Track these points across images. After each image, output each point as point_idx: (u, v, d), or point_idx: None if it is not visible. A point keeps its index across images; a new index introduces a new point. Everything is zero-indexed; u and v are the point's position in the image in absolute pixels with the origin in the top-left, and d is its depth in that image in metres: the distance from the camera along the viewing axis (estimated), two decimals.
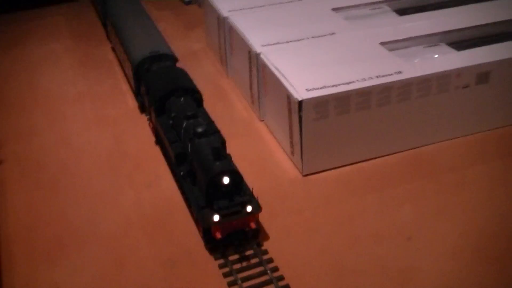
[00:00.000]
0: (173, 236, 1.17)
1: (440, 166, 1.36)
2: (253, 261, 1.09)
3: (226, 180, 1.07)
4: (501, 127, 1.46)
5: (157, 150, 1.41)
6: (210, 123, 1.25)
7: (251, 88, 1.53)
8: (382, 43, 1.46)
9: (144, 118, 1.52)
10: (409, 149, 1.40)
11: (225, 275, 1.06)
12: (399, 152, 1.39)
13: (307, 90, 1.26)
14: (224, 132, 1.25)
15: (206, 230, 1.09)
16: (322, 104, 1.25)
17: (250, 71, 1.50)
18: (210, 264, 1.10)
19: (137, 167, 1.37)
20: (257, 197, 1.11)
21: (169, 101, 1.31)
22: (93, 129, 1.52)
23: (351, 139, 1.32)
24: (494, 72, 1.37)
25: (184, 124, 1.21)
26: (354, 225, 1.20)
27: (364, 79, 1.29)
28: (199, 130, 1.15)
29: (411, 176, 1.33)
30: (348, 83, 1.28)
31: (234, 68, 1.66)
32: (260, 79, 1.45)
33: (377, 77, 1.30)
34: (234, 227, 1.09)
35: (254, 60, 1.45)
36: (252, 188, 1.12)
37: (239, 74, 1.61)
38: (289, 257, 1.10)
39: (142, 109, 1.54)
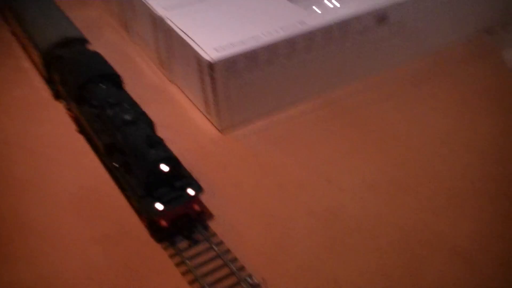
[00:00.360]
0: (105, 213, 1.18)
1: (348, 107, 1.44)
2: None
3: (165, 167, 1.06)
4: (400, 67, 1.56)
5: (80, 137, 1.38)
6: (134, 106, 1.22)
7: (158, 52, 1.52)
8: None
9: (60, 105, 1.48)
10: (319, 96, 1.46)
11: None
12: (310, 100, 1.45)
13: (216, 50, 1.28)
14: (138, 99, 1.25)
15: (150, 220, 1.08)
16: (232, 62, 1.28)
17: (155, 35, 1.49)
18: (142, 235, 1.12)
19: (60, 152, 1.35)
20: (190, 172, 1.12)
21: (88, 89, 1.26)
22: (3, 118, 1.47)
23: (264, 93, 1.37)
24: (391, 14, 1.44)
25: (109, 113, 1.17)
26: (277, 174, 1.26)
27: (269, 33, 1.32)
28: (127, 117, 1.13)
29: (324, 120, 1.40)
30: (254, 38, 1.31)
31: (138, 33, 1.65)
32: (166, 43, 1.45)
33: (281, 29, 1.33)
34: (178, 212, 1.08)
35: (158, 24, 1.45)
36: (191, 172, 1.12)
37: (144, 39, 1.60)
38: (220, 213, 1.15)
39: (57, 96, 1.47)
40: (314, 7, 1.48)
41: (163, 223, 1.06)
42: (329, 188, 1.22)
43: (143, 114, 1.19)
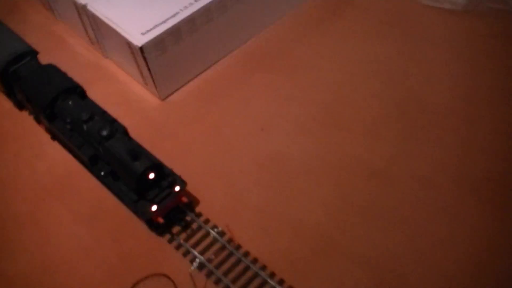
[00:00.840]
0: (84, 196, 1.37)
1: (267, 53, 1.63)
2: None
3: (151, 175, 1.21)
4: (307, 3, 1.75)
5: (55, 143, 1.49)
6: (104, 115, 1.32)
7: (87, 34, 1.65)
8: None
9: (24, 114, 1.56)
10: (239, 49, 1.65)
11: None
12: (231, 54, 1.64)
13: (143, 34, 1.43)
14: (77, 78, 1.38)
15: (148, 220, 1.26)
16: (159, 41, 1.44)
17: (82, 20, 1.61)
18: (122, 211, 1.32)
19: (33, 151, 1.49)
20: (172, 168, 1.27)
21: (57, 107, 1.34)
22: None
23: (192, 58, 1.54)
24: None
25: (85, 128, 1.27)
26: (218, 130, 1.47)
27: (186, 7, 1.47)
28: (104, 133, 1.23)
29: (248, 71, 1.60)
30: (174, 15, 1.46)
31: (63, 14, 1.74)
32: (94, 27, 1.57)
33: (195, 0, 1.49)
34: (170, 207, 1.25)
35: (82, 11, 1.56)
36: (172, 169, 1.27)
37: (71, 20, 1.70)
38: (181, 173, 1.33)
39: (20, 107, 1.54)
40: None
41: (160, 220, 1.24)
42: (263, 136, 1.44)
43: (115, 121, 1.31)
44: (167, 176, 1.24)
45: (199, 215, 1.29)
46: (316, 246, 1.24)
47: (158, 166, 1.22)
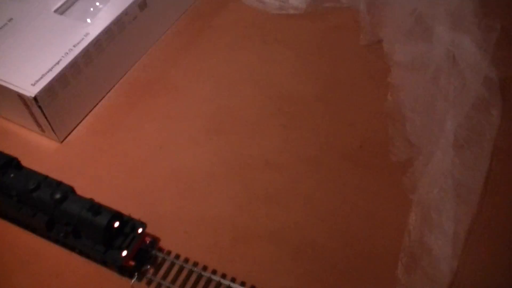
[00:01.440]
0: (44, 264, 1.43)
1: (147, 79, 1.78)
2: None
3: (116, 224, 1.28)
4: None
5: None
6: (48, 180, 1.35)
7: None
8: (55, 11, 1.72)
9: None
10: (124, 78, 1.78)
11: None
12: (119, 84, 1.78)
13: (33, 84, 1.52)
14: None
15: (119, 267, 1.32)
16: (50, 89, 1.54)
17: None
18: (88, 266, 1.41)
19: None
20: (129, 214, 1.35)
21: None
22: None
23: (80, 97, 1.65)
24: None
25: (34, 196, 1.31)
26: (120, 155, 1.60)
27: (67, 53, 1.59)
28: (58, 196, 1.28)
29: (141, 94, 1.74)
30: (58, 62, 1.56)
31: None
32: None
33: (74, 46, 1.60)
34: (137, 249, 1.33)
35: None
36: (129, 214, 1.35)
37: None
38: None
39: None
40: (88, 19, 1.73)
41: (132, 263, 1.31)
42: (166, 153, 1.60)
43: (61, 183, 1.35)
44: (127, 222, 1.32)
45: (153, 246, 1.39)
46: (234, 235, 1.42)
47: (118, 215, 1.29)
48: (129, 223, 1.33)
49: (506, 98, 1.59)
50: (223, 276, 1.34)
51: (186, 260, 1.37)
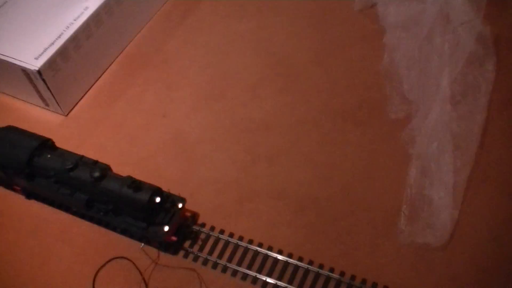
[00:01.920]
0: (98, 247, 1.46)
1: (147, 53, 1.80)
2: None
3: (157, 199, 1.27)
4: None
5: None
6: (84, 159, 1.34)
7: None
8: None
9: None
10: (120, 54, 1.80)
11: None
12: (118, 57, 1.80)
13: (36, 58, 1.54)
14: None
15: (161, 242, 1.32)
16: (52, 62, 1.56)
17: None
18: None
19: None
20: (168, 190, 1.34)
21: (35, 164, 1.34)
22: None
23: (82, 70, 1.67)
24: None
25: (72, 175, 1.30)
26: (124, 125, 1.63)
27: (67, 27, 1.60)
28: (97, 174, 1.28)
29: (134, 70, 1.76)
30: (60, 36, 1.58)
31: None
32: None
33: (74, 19, 1.62)
34: (177, 225, 1.33)
35: None
36: (169, 189, 1.35)
37: None
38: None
39: None
40: None
41: (174, 238, 1.31)
42: (169, 121, 1.62)
43: (97, 162, 1.35)
44: (167, 197, 1.31)
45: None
46: (239, 195, 1.45)
47: (158, 191, 1.29)
48: (169, 199, 1.32)
49: (499, 53, 1.61)
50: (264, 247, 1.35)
51: (231, 235, 1.37)
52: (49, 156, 1.35)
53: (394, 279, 1.29)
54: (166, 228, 1.29)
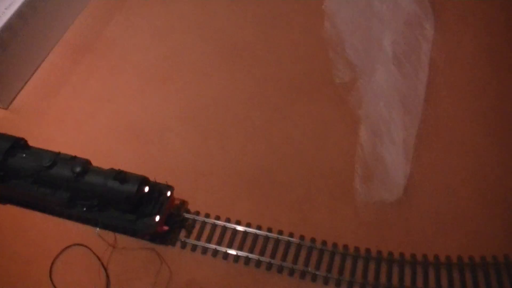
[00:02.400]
0: None
1: (87, 40, 1.75)
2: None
3: (146, 189, 1.21)
4: None
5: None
6: (61, 155, 1.27)
7: None
8: None
9: None
10: (58, 42, 1.74)
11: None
12: (53, 48, 1.73)
13: None
14: None
15: (152, 233, 1.25)
16: None
17: None
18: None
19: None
20: (155, 179, 1.28)
21: (10, 165, 1.27)
22: None
23: (19, 60, 1.61)
24: None
25: (51, 173, 1.23)
26: (70, 113, 1.57)
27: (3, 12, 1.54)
28: (78, 169, 1.21)
29: (82, 53, 1.71)
30: None
31: None
32: None
33: (6, 9, 1.56)
34: (166, 213, 1.26)
35: None
36: (155, 178, 1.28)
37: None
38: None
39: None
40: None
41: (165, 227, 1.25)
42: (114, 105, 1.58)
43: (75, 157, 1.29)
44: (154, 187, 1.25)
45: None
46: (195, 175, 1.43)
47: (146, 180, 1.22)
48: (156, 188, 1.26)
49: (437, 12, 1.64)
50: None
51: (187, 211, 1.34)
52: (24, 155, 1.28)
53: (353, 238, 1.29)
54: (157, 218, 1.22)
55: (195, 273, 1.27)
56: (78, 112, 1.58)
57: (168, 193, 1.27)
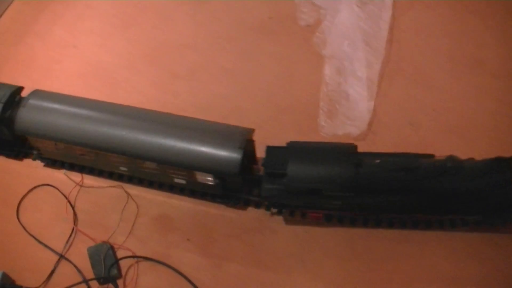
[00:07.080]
0: None
1: None
2: None
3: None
4: None
5: None
6: None
7: None
8: None
9: None
10: None
11: None
12: None
13: None
14: None
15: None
16: None
17: None
18: None
19: None
20: None
21: None
22: None
23: None
24: None
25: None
26: (36, 56, 1.50)
27: None
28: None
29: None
30: None
31: None
32: None
33: None
34: None
35: None
36: None
37: None
38: None
39: None
40: None
41: None
42: (79, 51, 1.51)
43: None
44: None
45: None
46: None
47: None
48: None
49: None
50: None
51: None
52: None
53: None
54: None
55: (164, 208, 1.22)
56: (44, 59, 1.51)
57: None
